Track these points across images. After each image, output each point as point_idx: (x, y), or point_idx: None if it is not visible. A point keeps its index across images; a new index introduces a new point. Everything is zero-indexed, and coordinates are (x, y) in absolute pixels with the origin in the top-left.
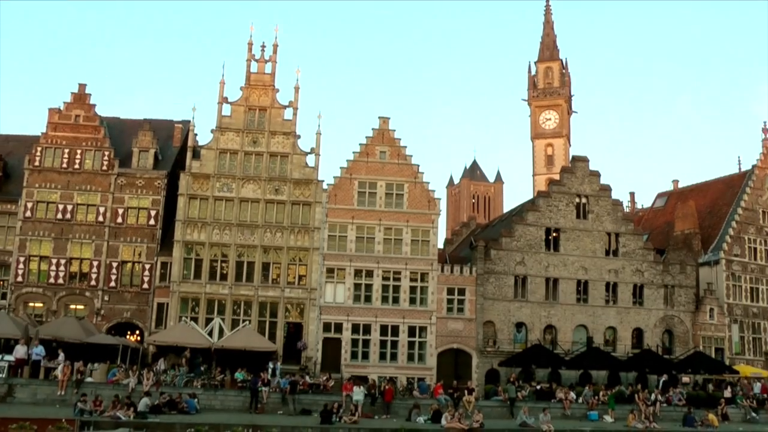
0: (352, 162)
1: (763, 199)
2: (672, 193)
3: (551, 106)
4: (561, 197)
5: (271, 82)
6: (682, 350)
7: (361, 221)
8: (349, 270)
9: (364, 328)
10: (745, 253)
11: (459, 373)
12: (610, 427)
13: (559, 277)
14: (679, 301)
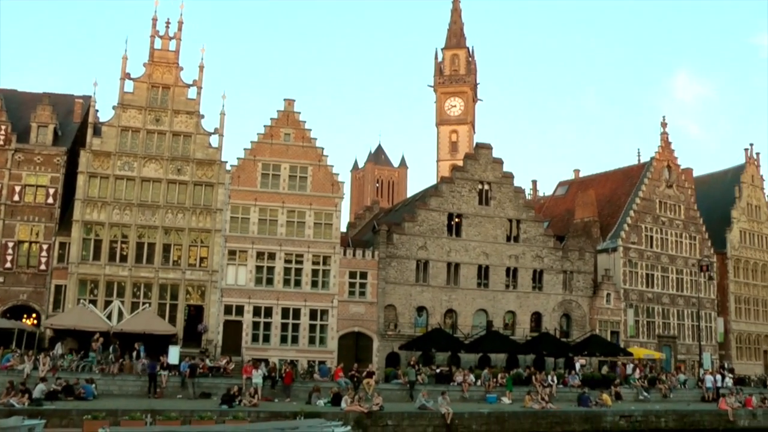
0: (256, 144)
1: (660, 189)
2: (573, 182)
3: (457, 93)
4: (464, 183)
5: (175, 60)
6: (580, 333)
7: (264, 203)
8: (251, 252)
9: (266, 310)
10: (642, 241)
11: (360, 357)
12: (508, 409)
13: (460, 262)
14: (577, 286)
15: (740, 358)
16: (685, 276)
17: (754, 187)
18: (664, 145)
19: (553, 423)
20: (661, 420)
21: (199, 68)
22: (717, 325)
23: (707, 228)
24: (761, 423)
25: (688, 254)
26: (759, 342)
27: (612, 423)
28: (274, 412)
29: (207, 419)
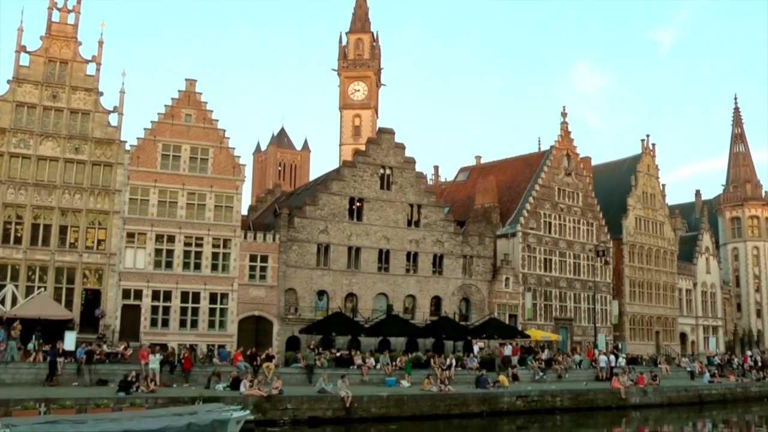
0: (157, 123)
1: (558, 177)
2: (474, 168)
3: (360, 77)
4: (366, 168)
5: (74, 34)
6: (478, 317)
7: (164, 185)
8: (150, 235)
9: (165, 294)
10: (541, 227)
11: (260, 340)
12: (407, 392)
13: (361, 246)
14: (477, 270)
15: (633, 339)
16: (582, 261)
17: (650, 176)
18: (564, 134)
19: (452, 405)
20: (557, 399)
21: (98, 44)
22: (612, 307)
23: (604, 215)
24: (652, 400)
25: (585, 240)
26: (651, 323)
27: (509, 404)
28: (173, 398)
29: (103, 407)
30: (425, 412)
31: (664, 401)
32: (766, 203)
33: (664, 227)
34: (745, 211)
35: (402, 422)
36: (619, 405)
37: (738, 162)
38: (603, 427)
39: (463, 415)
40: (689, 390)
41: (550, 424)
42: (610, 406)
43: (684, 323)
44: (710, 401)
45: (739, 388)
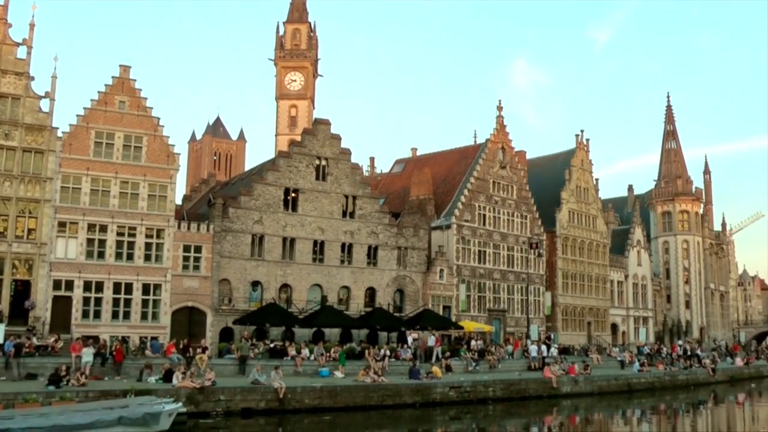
0: (90, 110)
1: (494, 170)
2: (410, 160)
3: (297, 67)
4: (301, 158)
5: (3, 15)
6: (413, 308)
7: (96, 173)
8: (82, 224)
9: (97, 285)
10: (475, 219)
11: (193, 332)
12: (340, 383)
13: (296, 237)
14: (411, 262)
15: (566, 330)
16: (515, 253)
17: (583, 170)
18: (500, 127)
19: (385, 396)
20: (489, 390)
21: (29, 26)
22: (545, 298)
23: (538, 208)
24: (583, 389)
25: (519, 232)
26: (583, 314)
27: (442, 394)
28: (104, 391)
29: (32, 401)
30: (359, 403)
31: (594, 390)
32: (696, 198)
33: (597, 221)
34: (676, 206)
35: (335, 413)
36: (550, 394)
37: (670, 158)
38: (534, 416)
39: (397, 406)
40: (619, 379)
41: (482, 414)
42: (541, 396)
43: (615, 314)
44: (639, 389)
45: (668, 376)
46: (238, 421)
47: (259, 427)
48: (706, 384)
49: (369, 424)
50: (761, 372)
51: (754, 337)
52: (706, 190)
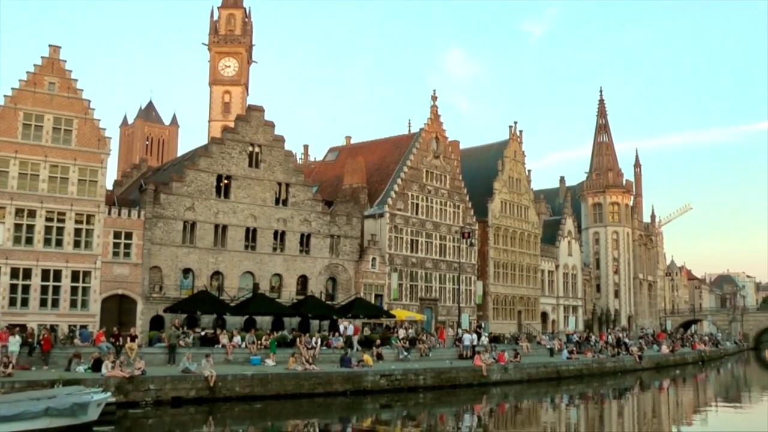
0: (18, 91)
1: (427, 159)
2: (344, 149)
3: (231, 53)
4: (234, 145)
5: None
6: (345, 296)
7: (25, 156)
8: (9, 209)
9: (24, 272)
10: (408, 208)
11: (123, 320)
12: (271, 371)
13: (228, 224)
14: (344, 250)
15: (497, 318)
16: (448, 242)
17: (516, 161)
18: (434, 117)
19: (316, 384)
20: (420, 378)
21: None
22: (476, 288)
23: (471, 197)
24: (512, 376)
25: (451, 222)
26: (514, 303)
27: (373, 383)
28: (31, 381)
29: None
30: (290, 391)
31: (524, 377)
32: (626, 191)
33: (529, 211)
34: (607, 198)
35: (266, 401)
36: (480, 382)
37: (601, 151)
38: (464, 404)
39: (328, 394)
40: (548, 366)
41: (413, 402)
42: (471, 384)
43: (545, 303)
44: (568, 376)
45: (596, 363)
46: (168, 410)
47: (189, 416)
48: (633, 371)
49: (300, 412)
50: (685, 359)
51: (680, 325)
52: (637, 183)
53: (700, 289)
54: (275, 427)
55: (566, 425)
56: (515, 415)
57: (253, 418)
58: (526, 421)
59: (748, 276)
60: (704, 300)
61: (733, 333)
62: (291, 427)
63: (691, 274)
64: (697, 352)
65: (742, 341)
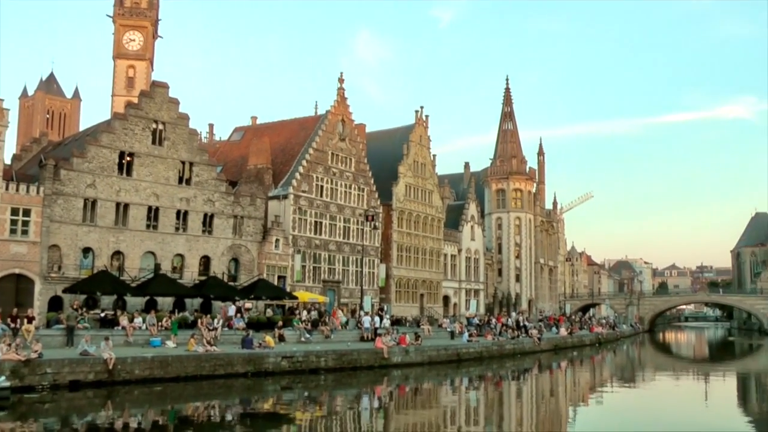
0: None
1: (333, 142)
2: (249, 128)
3: (137, 26)
4: (138, 121)
5: None
6: (248, 278)
7: None
8: None
9: None
10: (313, 190)
11: (20, 301)
12: (172, 352)
13: (130, 203)
14: (247, 231)
15: (399, 301)
16: (352, 225)
17: (421, 146)
18: (340, 99)
19: (217, 365)
20: (321, 360)
21: None
22: (379, 270)
23: (376, 181)
24: (413, 359)
25: (356, 204)
26: (416, 286)
27: (274, 364)
28: None
29: None
30: (190, 373)
31: (424, 360)
32: (529, 178)
33: (433, 195)
34: (510, 184)
35: (166, 384)
36: (381, 364)
37: (506, 138)
38: (365, 386)
39: (229, 376)
40: (449, 349)
41: (314, 384)
42: (373, 366)
43: (448, 286)
44: (468, 359)
45: (495, 346)
46: (65, 394)
47: (87, 400)
48: (532, 353)
49: (200, 395)
50: (583, 341)
51: (579, 309)
52: (540, 171)
53: (599, 275)
54: (175, 410)
55: (466, 407)
56: (415, 397)
57: (152, 401)
58: (426, 403)
59: (645, 262)
60: (603, 285)
61: (630, 316)
62: (191, 410)
63: (591, 259)
64: (595, 335)
65: (638, 324)
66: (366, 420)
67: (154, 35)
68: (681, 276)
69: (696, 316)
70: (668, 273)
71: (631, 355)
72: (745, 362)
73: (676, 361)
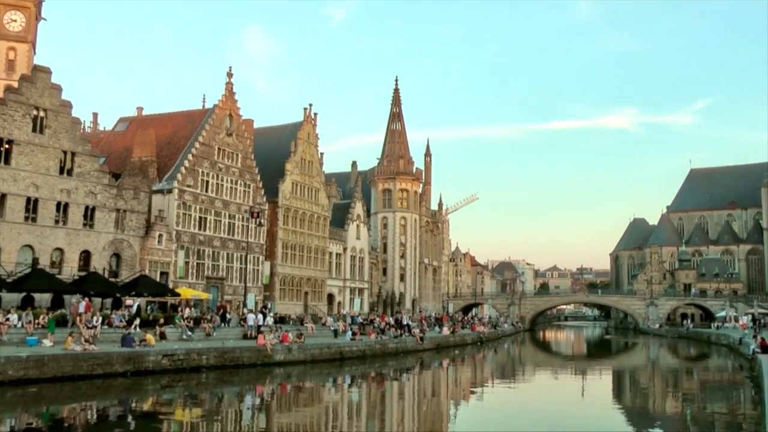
0: None
1: (220, 137)
2: (135, 119)
3: (18, 6)
4: (18, 107)
5: None
6: (129, 273)
7: None
8: None
9: None
10: (198, 185)
11: None
12: (48, 352)
13: (7, 193)
14: (130, 225)
15: (283, 299)
16: (237, 221)
17: (309, 144)
18: (229, 94)
19: (95, 365)
20: (203, 357)
21: None
22: (264, 268)
23: (262, 177)
24: (296, 357)
25: (241, 201)
26: (301, 284)
27: (155, 363)
28: None
29: None
30: (67, 373)
31: (307, 358)
32: (416, 178)
33: (320, 194)
34: (397, 184)
35: (42, 384)
36: (264, 362)
37: (394, 139)
38: (247, 384)
39: (108, 375)
40: (332, 347)
41: (195, 383)
42: (255, 364)
43: (332, 285)
44: (351, 357)
45: (378, 344)
46: None
47: None
48: (415, 351)
49: (77, 395)
50: (465, 340)
51: (461, 308)
52: (426, 172)
53: (483, 275)
54: (50, 412)
55: (348, 405)
56: (297, 396)
57: (26, 403)
58: (308, 401)
59: (528, 263)
60: (486, 285)
61: (511, 316)
62: (67, 412)
63: (475, 260)
64: (476, 334)
65: (519, 323)
66: (247, 419)
67: (37, 17)
68: (562, 277)
69: (575, 315)
70: (550, 274)
71: (511, 354)
72: (620, 359)
73: (555, 359)
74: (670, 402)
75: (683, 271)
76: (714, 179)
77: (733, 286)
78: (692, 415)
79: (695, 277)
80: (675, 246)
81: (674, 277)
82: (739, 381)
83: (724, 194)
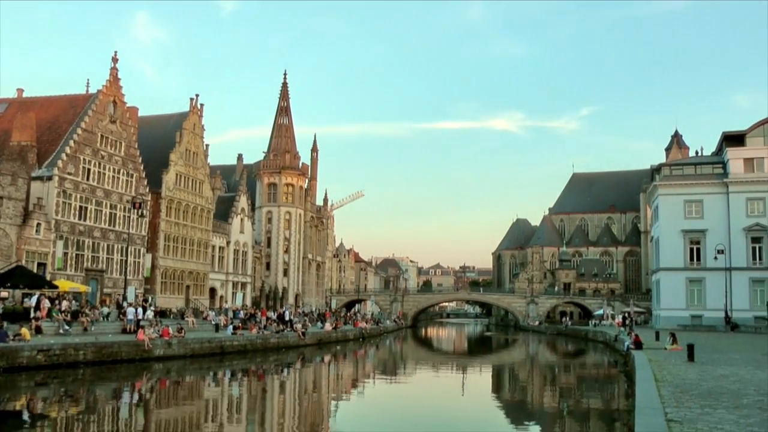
0: None
1: (103, 123)
2: (14, 101)
3: None
4: None
5: None
6: (4, 264)
7: None
8: None
9: None
10: (80, 173)
11: None
12: None
13: None
14: (6, 213)
15: (165, 292)
16: (118, 211)
17: (195, 134)
18: (113, 80)
19: None
20: (80, 353)
21: None
22: (145, 260)
23: (146, 167)
24: (176, 351)
25: (124, 190)
26: (183, 278)
27: (29, 358)
28: None
29: None
30: None
31: (188, 352)
32: (301, 173)
33: (204, 186)
34: (282, 179)
35: None
36: (143, 357)
37: (281, 133)
38: (126, 380)
39: None
40: (213, 341)
41: (71, 379)
42: (134, 359)
43: (215, 278)
44: (232, 351)
45: (260, 339)
46: None
47: None
48: (296, 347)
49: None
50: (347, 336)
51: (345, 304)
52: (313, 167)
53: (366, 272)
54: None
55: (228, 400)
56: (177, 391)
57: None
58: (188, 396)
59: (411, 261)
60: (369, 281)
61: (394, 312)
62: None
63: (359, 256)
64: (359, 330)
65: (401, 320)
66: (125, 416)
67: None
68: (445, 275)
69: (457, 313)
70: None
71: (393, 350)
72: (500, 355)
73: (436, 355)
74: (547, 396)
75: (563, 271)
76: (595, 183)
77: (611, 285)
78: (568, 409)
79: (575, 276)
80: (556, 246)
81: (555, 277)
82: (614, 375)
83: (604, 198)
